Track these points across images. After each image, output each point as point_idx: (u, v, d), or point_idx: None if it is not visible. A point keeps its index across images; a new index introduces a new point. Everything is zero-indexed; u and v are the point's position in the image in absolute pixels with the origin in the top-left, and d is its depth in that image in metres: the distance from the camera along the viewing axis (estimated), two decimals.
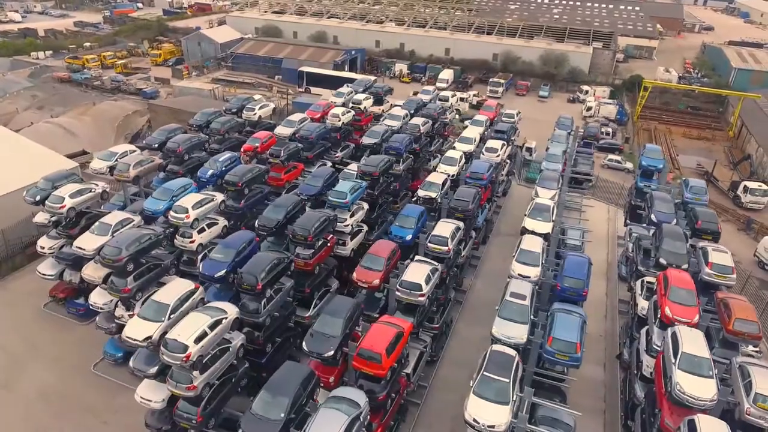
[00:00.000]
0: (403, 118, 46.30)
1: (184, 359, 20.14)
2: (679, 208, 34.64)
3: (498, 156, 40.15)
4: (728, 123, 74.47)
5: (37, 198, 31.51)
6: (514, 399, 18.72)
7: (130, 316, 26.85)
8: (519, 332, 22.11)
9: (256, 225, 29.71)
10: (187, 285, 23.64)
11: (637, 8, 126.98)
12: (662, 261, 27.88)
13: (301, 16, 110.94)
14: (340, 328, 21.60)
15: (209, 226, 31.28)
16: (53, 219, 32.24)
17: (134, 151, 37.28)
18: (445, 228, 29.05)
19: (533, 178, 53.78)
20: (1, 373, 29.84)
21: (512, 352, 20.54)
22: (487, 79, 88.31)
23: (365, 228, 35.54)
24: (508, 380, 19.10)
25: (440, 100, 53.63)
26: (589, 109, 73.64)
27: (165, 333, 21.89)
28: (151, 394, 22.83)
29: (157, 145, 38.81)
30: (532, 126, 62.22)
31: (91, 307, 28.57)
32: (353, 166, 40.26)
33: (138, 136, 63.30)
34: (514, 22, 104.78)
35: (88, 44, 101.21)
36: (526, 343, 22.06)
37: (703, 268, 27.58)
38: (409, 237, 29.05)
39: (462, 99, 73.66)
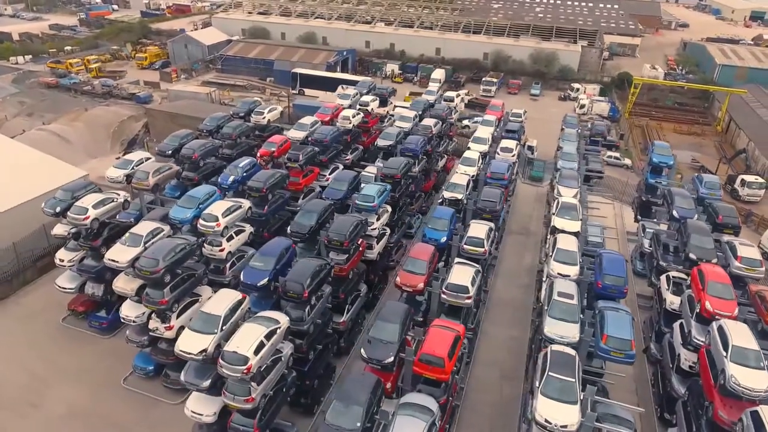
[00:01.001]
0: (413, 120, 46.42)
1: (245, 371, 19.81)
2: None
3: (513, 155, 40.56)
4: (715, 118, 76.66)
5: (57, 209, 30.56)
6: (581, 398, 18.95)
7: (167, 328, 26.41)
8: (571, 331, 22.37)
9: (289, 231, 29.40)
10: (234, 295, 23.26)
11: (616, 6, 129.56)
12: (692, 256, 28.53)
13: (287, 17, 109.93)
14: (396, 333, 21.54)
15: (237, 233, 30.85)
16: (73, 231, 31.31)
17: (149, 158, 36.43)
18: (479, 229, 29.22)
19: (538, 177, 54.72)
20: (26, 391, 28.87)
21: (571, 351, 20.80)
22: (478, 78, 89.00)
23: (388, 231, 35.56)
24: (573, 379, 19.34)
25: (445, 100, 53.79)
26: (582, 106, 74.93)
27: (218, 345, 21.56)
28: (202, 407, 22.42)
29: (170, 152, 38.03)
30: (527, 124, 62.91)
31: (123, 320, 27.83)
32: (371, 169, 40.22)
33: (134, 141, 61.99)
34: (500, 21, 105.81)
35: (69, 48, 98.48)
36: (578, 341, 22.29)
37: (733, 261, 28.31)
38: (443, 239, 29.12)
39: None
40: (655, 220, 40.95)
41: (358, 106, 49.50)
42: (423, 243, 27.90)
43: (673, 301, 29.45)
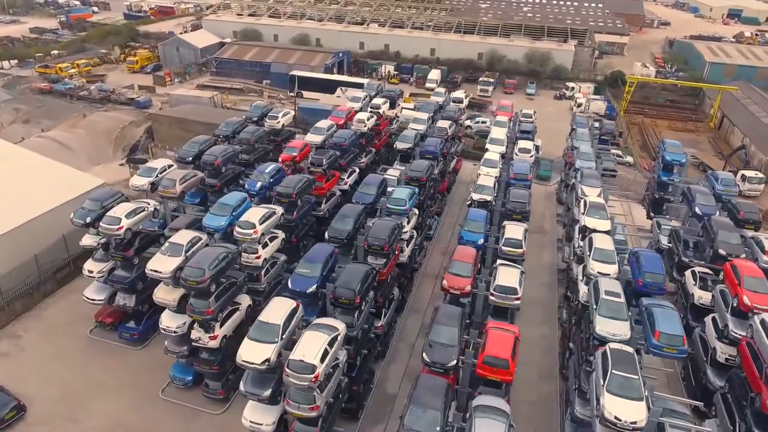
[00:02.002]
0: (427, 122, 46.72)
1: (313, 379, 19.82)
2: None
3: (532, 156, 41.13)
4: (707, 114, 78.66)
5: (88, 220, 30.03)
6: (646, 394, 19.45)
7: (212, 338, 26.23)
8: (621, 329, 22.86)
9: (327, 236, 29.38)
10: (289, 303, 23.21)
11: (601, 5, 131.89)
12: (721, 252, 29.37)
13: (277, 18, 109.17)
14: (456, 336, 21.78)
15: (270, 240, 30.72)
16: (102, 241, 30.80)
17: (171, 165, 35.97)
18: (516, 230, 29.65)
19: (545, 176, 55.53)
20: (62, 406, 28.39)
21: (629, 348, 21.28)
22: (474, 78, 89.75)
23: (415, 234, 35.81)
24: (638, 376, 19.81)
25: (454, 101, 54.21)
26: (579, 105, 76.14)
27: (279, 354, 21.51)
28: (261, 416, 22.35)
29: (191, 158, 37.62)
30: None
31: (163, 331, 27.48)
32: (392, 172, 40.35)
33: (136, 147, 60.98)
34: (491, 21, 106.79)
35: (55, 52, 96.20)
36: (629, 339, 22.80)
37: (761, 256, 29.24)
38: (480, 241, 29.45)
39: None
40: (667, 216, 42.03)
41: (369, 109, 49.65)
42: (463, 246, 28.13)
43: (701, 296, 30.26)
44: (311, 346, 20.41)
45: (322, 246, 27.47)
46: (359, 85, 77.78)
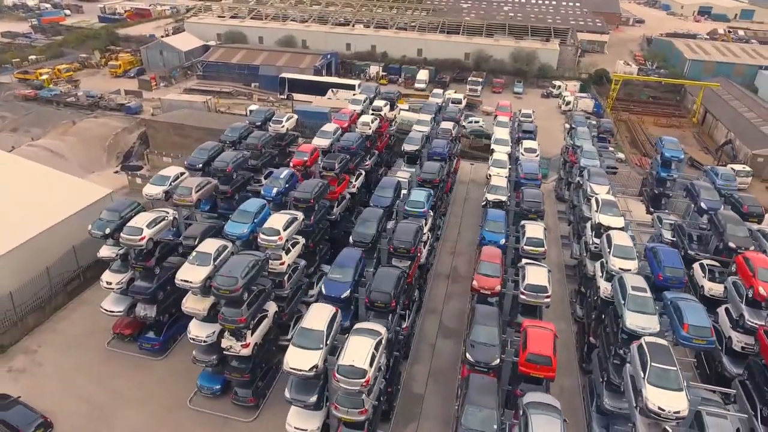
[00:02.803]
0: (430, 123, 47.21)
1: (364, 384, 20.06)
2: None
3: (537, 155, 41.95)
4: (688, 110, 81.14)
5: (107, 231, 29.59)
6: (684, 384, 20.24)
7: (244, 346, 26.19)
8: (651, 323, 23.68)
9: (352, 241, 29.54)
10: (329, 309, 23.35)
11: (578, 4, 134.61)
12: (731, 245, 30.53)
13: (259, 20, 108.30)
14: (496, 336, 22.25)
15: (292, 245, 30.75)
16: (121, 252, 30.37)
17: (184, 173, 35.61)
18: (536, 230, 30.31)
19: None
20: (90, 421, 27.99)
21: (663, 341, 22.07)
22: (461, 78, 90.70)
23: (429, 235, 36.22)
24: (676, 368, 20.58)
25: (453, 102, 54.82)
26: (567, 103, 77.64)
27: (325, 360, 21.65)
28: (305, 422, 22.45)
29: (200, 165, 37.28)
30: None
31: (192, 341, 27.28)
32: (401, 174, 40.68)
33: (130, 154, 59.96)
34: (475, 21, 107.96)
35: (33, 57, 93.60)
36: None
37: None
38: (502, 241, 30.02)
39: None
40: (666, 211, 43.40)
41: (371, 111, 49.88)
42: (488, 246, 28.64)
43: (711, 287, 31.40)
44: (359, 351, 20.63)
45: (351, 251, 27.64)
46: (350, 87, 78.22)
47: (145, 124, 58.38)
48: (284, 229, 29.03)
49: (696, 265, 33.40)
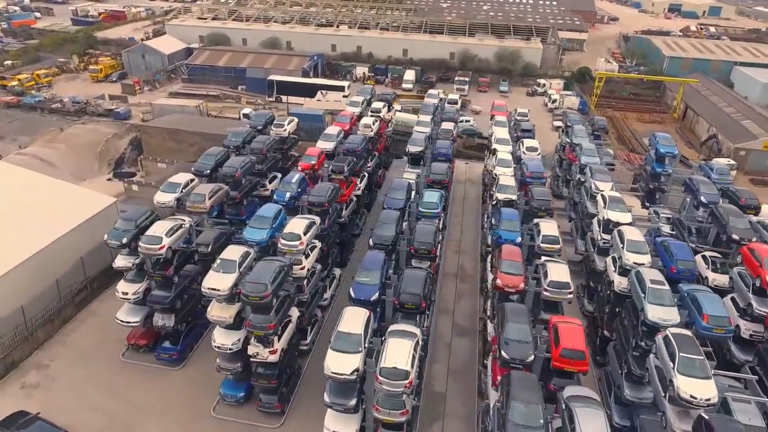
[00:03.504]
0: (430, 124, 47.71)
1: (407, 385, 20.37)
2: None
3: (539, 154, 42.81)
4: (669, 106, 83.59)
5: (124, 240, 29.17)
6: (713, 373, 21.13)
7: (272, 352, 26.23)
8: (671, 314, 24.57)
9: (372, 243, 29.76)
10: (362, 312, 23.56)
11: (555, 2, 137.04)
12: (735, 237, 31.78)
13: (242, 21, 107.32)
14: (529, 333, 22.81)
15: (311, 250, 30.83)
16: (137, 261, 29.97)
17: (193, 180, 35.30)
18: (551, 227, 31.03)
19: None
20: None
21: (687, 332, 22.95)
22: (447, 78, 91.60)
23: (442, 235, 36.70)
24: (703, 357, 21.46)
25: (449, 103, 55.43)
26: (554, 101, 79.14)
27: (365, 363, 21.86)
28: (342, 426, 22.63)
29: (208, 171, 36.97)
30: None
31: (217, 349, 27.12)
32: (407, 175, 41.02)
33: (121, 161, 58.94)
34: (457, 21, 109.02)
35: (9, 62, 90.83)
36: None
37: None
38: (519, 239, 30.64)
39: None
40: (661, 205, 44.78)
41: (370, 113, 50.12)
42: (508, 245, 29.19)
43: (715, 278, 32.59)
44: (400, 353, 20.92)
45: (375, 254, 27.86)
46: (339, 88, 78.33)
47: (138, 130, 57.37)
48: (305, 234, 29.09)
49: (698, 257, 34.56)
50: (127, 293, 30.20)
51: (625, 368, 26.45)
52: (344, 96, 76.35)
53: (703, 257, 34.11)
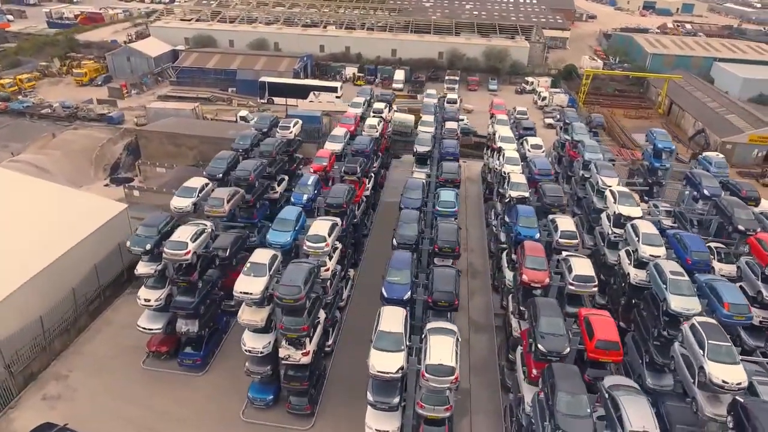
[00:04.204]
0: (434, 124, 48.26)
1: (453, 381, 20.82)
2: None
3: (543, 152, 43.69)
4: (652, 102, 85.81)
5: (147, 247, 28.93)
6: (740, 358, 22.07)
7: (304, 354, 26.40)
8: (693, 304, 25.52)
9: (396, 243, 30.07)
10: (400, 311, 23.92)
11: (536, 1, 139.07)
12: (741, 228, 33.05)
13: (228, 23, 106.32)
14: (562, 326, 23.44)
15: (334, 251, 31.02)
16: (159, 268, 29.74)
17: (208, 184, 35.11)
18: (568, 223, 31.82)
19: None
20: None
21: (712, 320, 23.89)
22: (436, 77, 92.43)
23: None
24: (730, 343, 22.39)
25: (449, 102, 56.06)
26: (543, 98, 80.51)
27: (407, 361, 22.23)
28: (385, 423, 22.93)
29: (221, 175, 36.82)
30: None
31: (248, 353, 27.14)
32: (417, 174, 41.45)
33: (117, 166, 58.01)
34: (442, 20, 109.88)
35: None
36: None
37: None
38: (537, 235, 31.33)
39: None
40: (659, 199, 46.15)
41: (372, 114, 50.44)
42: (530, 241, 29.83)
43: (721, 268, 33.79)
44: (444, 350, 21.37)
45: (401, 253, 28.16)
46: (332, 89, 78.30)
47: (135, 134, 56.54)
48: (329, 235, 29.29)
49: None
50: (149, 300, 29.94)
51: (646, 358, 27.33)
52: (337, 97, 76.47)
53: (709, 248, 35.39)
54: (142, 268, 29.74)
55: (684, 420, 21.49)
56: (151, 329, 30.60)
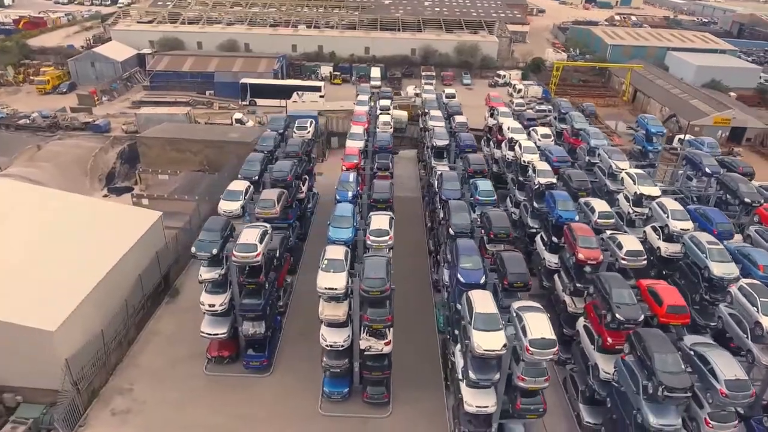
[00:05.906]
0: (442, 119, 49.92)
1: (555, 353, 22.54)
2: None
3: (552, 140, 46.29)
4: (616, 90, 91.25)
5: (214, 251, 28.86)
6: None
7: (386, 344, 27.41)
8: (732, 269, 28.39)
9: (453, 232, 31.36)
10: (488, 294, 25.36)
11: None
12: (747, 200, 36.68)
13: (195, 24, 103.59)
14: (633, 296, 25.67)
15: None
16: (222, 272, 29.72)
17: (250, 187, 35.16)
18: (603, 205, 34.33)
19: None
20: None
21: (756, 281, 26.85)
22: (410, 73, 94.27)
23: None
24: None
25: (447, 97, 57.83)
26: (519, 91, 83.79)
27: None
28: (484, 400, 24.29)
29: (257, 177, 36.93)
30: (475, 111, 66.89)
31: (329, 348, 27.74)
32: (440, 167, 42.88)
33: (113, 175, 56.07)
34: (407, 17, 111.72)
35: None
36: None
37: None
38: (576, 217, 33.60)
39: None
40: (653, 179, 49.85)
41: (378, 111, 51.51)
42: (576, 223, 32.00)
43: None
44: (542, 325, 23.00)
45: (467, 241, 29.51)
46: (316, 89, 78.37)
47: (134, 141, 54.81)
48: (390, 229, 30.31)
49: None
50: (213, 305, 29.86)
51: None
52: (321, 96, 76.66)
53: None
54: (206, 273, 29.54)
55: None
56: (216, 334, 30.48)
